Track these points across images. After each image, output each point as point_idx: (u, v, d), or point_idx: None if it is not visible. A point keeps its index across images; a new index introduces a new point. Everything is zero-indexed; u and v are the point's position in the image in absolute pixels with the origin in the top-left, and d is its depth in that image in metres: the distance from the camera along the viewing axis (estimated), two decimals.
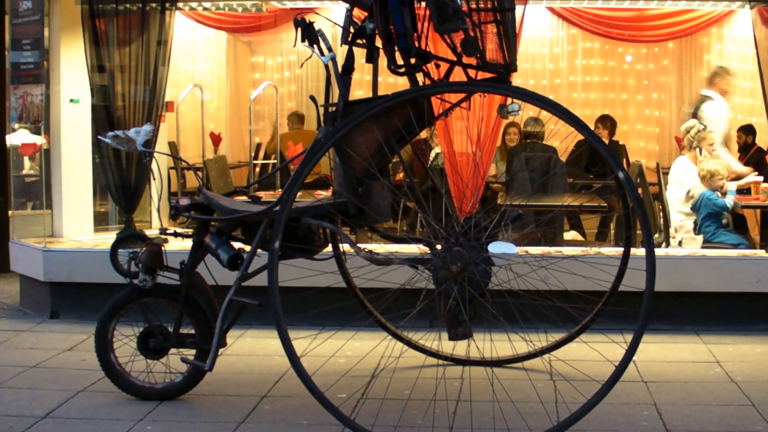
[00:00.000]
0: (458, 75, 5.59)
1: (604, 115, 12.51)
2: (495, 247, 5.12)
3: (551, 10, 13.27)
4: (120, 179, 9.17)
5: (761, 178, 9.69)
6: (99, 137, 7.43)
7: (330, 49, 5.54)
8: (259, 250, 5.68)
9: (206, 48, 13.80)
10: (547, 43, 14.02)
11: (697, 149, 9.73)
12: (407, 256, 5.48)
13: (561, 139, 10.35)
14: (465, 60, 5.28)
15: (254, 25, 13.02)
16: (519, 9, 9.00)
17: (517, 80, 5.74)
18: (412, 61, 5.38)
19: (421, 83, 5.58)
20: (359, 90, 10.32)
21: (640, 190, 9.78)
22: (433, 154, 10.12)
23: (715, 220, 9.34)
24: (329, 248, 6.36)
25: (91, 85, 9.19)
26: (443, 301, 5.23)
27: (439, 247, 5.29)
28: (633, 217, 6.09)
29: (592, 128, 11.75)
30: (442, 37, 5.24)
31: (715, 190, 9.35)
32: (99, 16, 9.11)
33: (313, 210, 5.56)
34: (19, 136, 10.21)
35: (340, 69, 5.56)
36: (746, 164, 11.45)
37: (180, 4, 9.33)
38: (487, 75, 5.39)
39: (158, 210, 7.52)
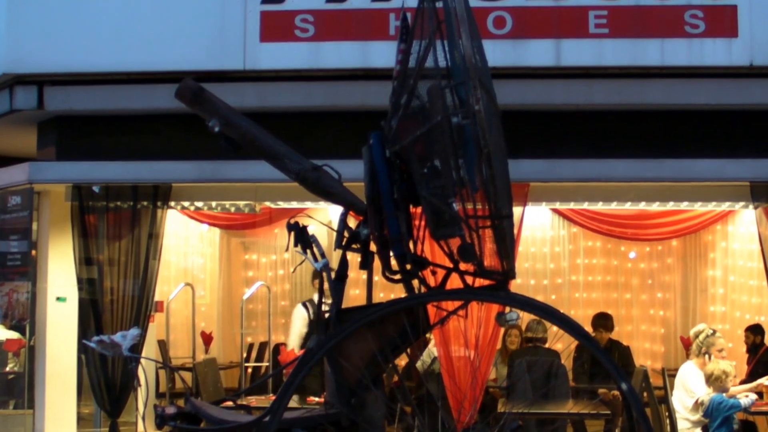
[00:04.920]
0: (455, 279, 5.38)
1: (601, 314, 12.18)
2: None
3: (553, 208, 13.20)
4: (105, 382, 9.06)
5: None
6: (84, 342, 7.24)
7: (323, 255, 5.36)
8: None
9: (199, 244, 13.75)
10: (548, 242, 13.84)
11: (706, 355, 9.45)
12: None
13: (565, 344, 10.13)
14: (462, 266, 5.08)
15: (249, 222, 12.99)
16: (518, 210, 9.06)
17: (517, 280, 5.52)
18: (408, 267, 5.17)
19: (416, 290, 5.36)
20: (355, 289, 10.14)
21: (645, 395, 9.50)
22: (428, 356, 9.85)
23: (727, 426, 8.99)
24: None
25: (79, 280, 9.10)
26: None
27: None
28: (638, 428, 5.76)
29: (592, 330, 11.55)
30: (438, 242, 5.06)
31: (722, 391, 9.04)
32: (89, 213, 9.20)
33: (303, 422, 5.25)
34: (2, 332, 10.09)
35: (333, 275, 5.35)
36: (755, 365, 11.18)
37: (172, 203, 9.30)
38: (485, 281, 5.18)
39: (143, 418, 7.24)
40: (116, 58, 9.21)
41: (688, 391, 9.40)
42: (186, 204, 10.35)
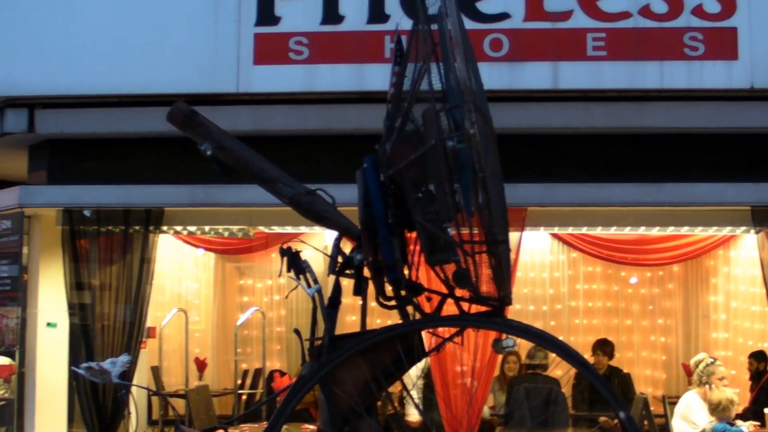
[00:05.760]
0: (451, 306, 5.27)
1: (602, 340, 12.05)
2: None
3: (552, 233, 13.07)
4: (96, 409, 8.89)
5: None
6: (72, 368, 7.13)
7: (315, 281, 5.24)
8: None
9: (194, 269, 13.61)
10: (548, 268, 13.69)
11: (707, 385, 9.33)
12: None
13: (565, 369, 9.98)
14: (457, 292, 4.97)
15: (245, 246, 12.86)
16: (516, 235, 8.94)
17: (516, 306, 5.41)
18: (403, 293, 5.06)
19: (411, 316, 5.25)
20: (352, 316, 10.02)
21: (645, 423, 9.38)
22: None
23: None
24: None
25: (70, 305, 9.02)
26: None
27: None
28: None
29: (590, 354, 11.43)
30: (433, 268, 4.95)
31: (726, 420, 8.91)
32: (80, 237, 9.12)
33: None
34: None
35: (326, 301, 5.24)
36: (759, 392, 11.05)
37: (164, 228, 9.20)
38: (482, 307, 5.07)
39: None
40: (108, 81, 9.11)
41: (689, 421, 9.28)
42: (178, 228, 10.25)
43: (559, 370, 10.39)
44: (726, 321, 13.31)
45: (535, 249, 13.38)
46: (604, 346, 11.85)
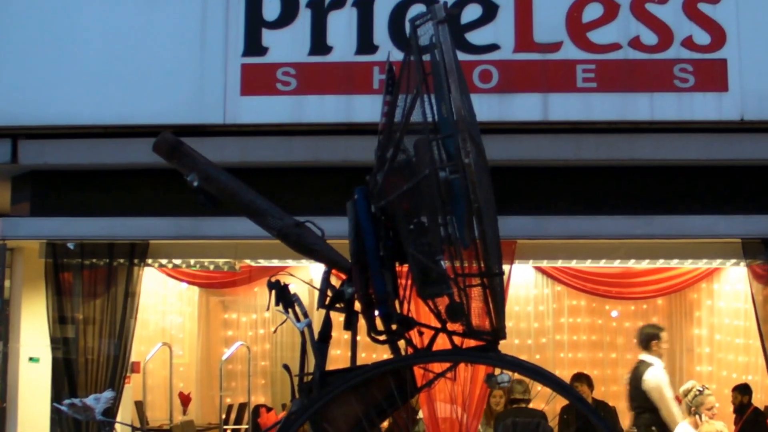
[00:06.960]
0: (443, 339, 5.17)
1: (578, 374, 11.98)
2: None
3: (536, 267, 13.02)
4: None
5: None
6: (55, 405, 6.99)
7: (305, 315, 5.15)
8: None
9: (178, 302, 13.51)
10: (532, 301, 13.66)
11: (697, 415, 9.27)
12: None
13: (550, 405, 9.92)
14: (450, 327, 4.88)
15: (229, 280, 12.75)
16: (506, 268, 8.86)
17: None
18: (394, 327, 4.97)
19: (402, 351, 5.15)
20: (337, 350, 9.92)
21: None
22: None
23: None
24: None
25: (53, 339, 8.89)
26: None
27: None
28: None
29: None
30: (425, 302, 4.86)
31: None
32: (63, 270, 9.00)
33: None
34: None
35: (316, 336, 5.13)
36: (743, 425, 10.99)
37: (149, 261, 9.08)
38: (475, 341, 4.98)
39: None
40: (93, 111, 9.01)
41: None
42: (164, 261, 10.14)
43: (544, 404, 10.32)
44: (710, 354, 13.31)
45: (519, 282, 13.33)
46: (581, 379, 11.78)
